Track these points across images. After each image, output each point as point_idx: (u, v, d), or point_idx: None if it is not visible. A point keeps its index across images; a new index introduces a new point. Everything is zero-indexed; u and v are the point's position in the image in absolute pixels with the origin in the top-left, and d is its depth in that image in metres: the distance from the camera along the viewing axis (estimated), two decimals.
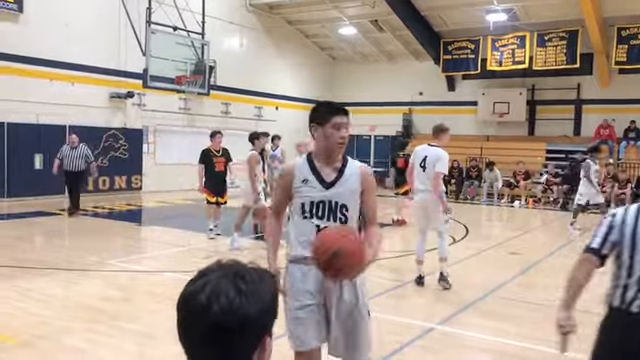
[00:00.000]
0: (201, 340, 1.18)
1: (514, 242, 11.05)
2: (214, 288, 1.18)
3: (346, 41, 24.02)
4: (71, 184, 12.60)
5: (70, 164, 12.42)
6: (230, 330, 1.16)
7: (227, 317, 1.16)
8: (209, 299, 1.17)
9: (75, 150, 12.50)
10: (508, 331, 5.56)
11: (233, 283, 1.19)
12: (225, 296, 1.17)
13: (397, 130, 24.10)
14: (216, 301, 1.16)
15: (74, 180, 12.58)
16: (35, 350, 4.72)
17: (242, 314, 1.17)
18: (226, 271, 1.22)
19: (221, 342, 1.17)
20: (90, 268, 7.72)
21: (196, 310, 1.17)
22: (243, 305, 1.17)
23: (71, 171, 12.45)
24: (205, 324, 1.16)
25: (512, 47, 20.44)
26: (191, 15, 17.62)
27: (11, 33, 14.33)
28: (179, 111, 18.93)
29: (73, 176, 12.56)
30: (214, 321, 1.16)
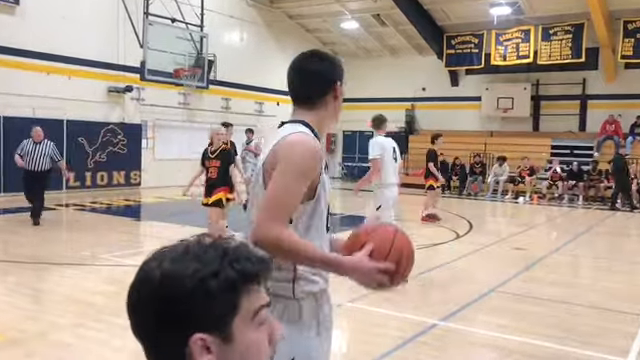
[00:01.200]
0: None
1: (518, 238, 10.85)
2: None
3: (348, 36, 23.79)
4: (31, 187, 10.30)
5: (32, 162, 10.18)
6: (146, 306, 0.96)
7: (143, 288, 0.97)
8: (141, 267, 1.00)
9: (39, 146, 10.29)
10: (512, 327, 5.44)
11: (160, 256, 0.99)
12: (146, 266, 0.99)
13: (400, 126, 23.87)
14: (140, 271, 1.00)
15: (36, 182, 10.26)
16: (22, 346, 4.55)
17: (152, 303, 0.95)
18: (179, 244, 1.00)
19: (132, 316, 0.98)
20: (84, 262, 7.54)
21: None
22: (151, 292, 0.96)
23: (32, 171, 10.19)
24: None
25: (516, 41, 20.20)
26: (190, 8, 17.42)
27: (7, 25, 14.13)
28: (178, 106, 18.73)
29: (34, 177, 10.22)
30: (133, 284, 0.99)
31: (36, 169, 10.22)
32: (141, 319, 0.96)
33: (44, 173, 10.38)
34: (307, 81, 2.21)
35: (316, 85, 2.19)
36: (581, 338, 5.10)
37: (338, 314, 5.65)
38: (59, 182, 15.39)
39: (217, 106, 20.04)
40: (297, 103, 2.24)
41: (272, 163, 2.03)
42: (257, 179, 2.12)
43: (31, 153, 10.21)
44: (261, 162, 2.12)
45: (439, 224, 12.05)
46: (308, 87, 2.20)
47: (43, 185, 10.49)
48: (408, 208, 13.49)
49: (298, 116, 2.19)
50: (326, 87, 2.19)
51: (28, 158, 10.16)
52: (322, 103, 2.19)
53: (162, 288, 0.93)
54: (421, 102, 23.81)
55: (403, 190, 16.52)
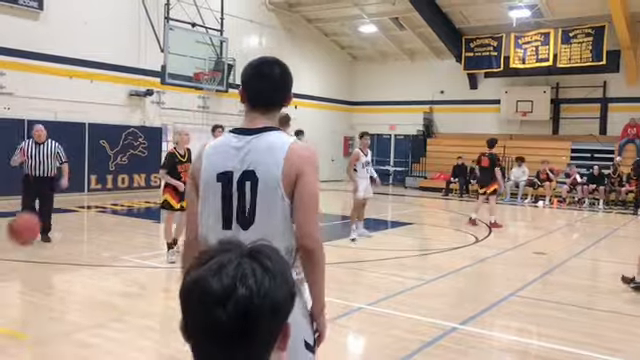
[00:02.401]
0: (221, 333, 0.96)
1: (538, 242, 10.75)
2: (237, 268, 0.98)
3: (366, 39, 23.81)
4: (35, 195, 8.74)
5: (35, 167, 8.66)
6: (260, 317, 0.97)
7: (257, 301, 0.96)
8: (233, 281, 0.96)
9: (42, 147, 8.75)
10: (532, 331, 5.42)
11: (257, 261, 1.00)
12: (253, 277, 0.97)
13: (418, 129, 23.82)
14: (243, 283, 0.96)
15: (41, 189, 8.72)
16: (45, 346, 4.62)
17: (272, 297, 0.97)
18: (240, 249, 1.02)
19: (246, 332, 0.96)
20: (105, 264, 7.64)
21: (215, 297, 0.95)
22: (272, 287, 0.98)
23: (37, 177, 8.65)
24: (229, 312, 0.95)
25: (536, 44, 20.05)
26: (210, 13, 17.58)
27: (31, 31, 14.39)
28: (198, 109, 18.88)
29: (39, 184, 8.66)
30: (242, 306, 0.95)
31: (41, 174, 8.67)
32: (261, 327, 0.99)
33: (51, 179, 8.85)
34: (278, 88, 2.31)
35: (284, 92, 2.32)
36: (603, 344, 5.06)
37: (358, 317, 5.68)
38: (81, 184, 15.64)
39: (236, 109, 20.13)
40: (260, 108, 2.28)
41: (290, 173, 2.13)
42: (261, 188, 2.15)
43: (34, 156, 8.66)
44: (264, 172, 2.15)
45: (457, 227, 12.01)
46: (279, 93, 2.31)
47: (51, 194, 8.94)
48: (427, 212, 13.42)
49: (266, 122, 2.26)
50: (288, 95, 2.32)
51: (30, 162, 8.64)
52: (278, 109, 2.33)
53: (280, 294, 1.00)
54: (439, 105, 23.73)
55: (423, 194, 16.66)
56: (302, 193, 2.14)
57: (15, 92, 14.07)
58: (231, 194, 2.18)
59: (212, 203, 2.21)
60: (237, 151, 2.19)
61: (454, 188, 19.94)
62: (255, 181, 2.15)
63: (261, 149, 2.17)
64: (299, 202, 2.14)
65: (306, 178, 2.14)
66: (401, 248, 9.78)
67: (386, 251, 9.20)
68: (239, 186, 2.17)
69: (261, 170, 2.15)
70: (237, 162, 2.18)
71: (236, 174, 2.18)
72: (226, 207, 2.19)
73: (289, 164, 2.13)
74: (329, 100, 24.51)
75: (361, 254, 8.97)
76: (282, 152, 2.15)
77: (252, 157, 2.17)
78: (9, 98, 14.03)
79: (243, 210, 2.18)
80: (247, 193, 2.16)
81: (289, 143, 2.19)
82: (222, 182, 2.20)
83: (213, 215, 2.22)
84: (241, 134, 2.24)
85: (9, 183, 11.42)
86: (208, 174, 2.21)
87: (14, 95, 14.07)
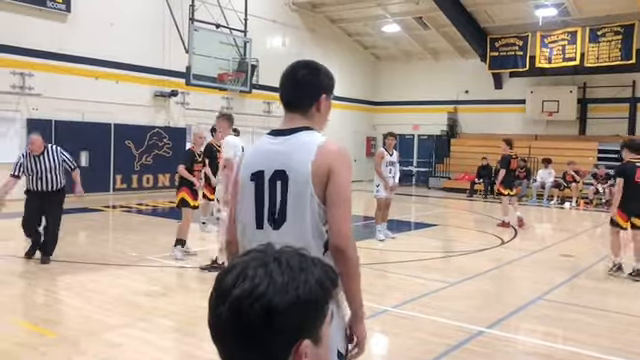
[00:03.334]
0: (223, 331, 0.99)
1: (565, 244, 10.59)
2: (242, 270, 0.99)
3: (389, 39, 23.71)
4: (40, 213, 7.54)
5: (38, 182, 7.44)
6: (251, 320, 0.95)
7: (246, 303, 0.95)
8: (234, 282, 0.98)
9: (42, 158, 7.42)
10: (559, 336, 5.35)
11: (264, 267, 0.99)
12: (250, 279, 0.97)
13: (441, 129, 23.66)
14: (240, 284, 0.97)
15: (46, 207, 7.51)
16: (73, 344, 4.68)
17: (266, 303, 0.95)
18: (265, 254, 1.03)
19: (245, 335, 0.96)
20: (131, 264, 7.72)
21: (218, 294, 1.00)
22: (269, 292, 0.95)
23: (41, 192, 7.45)
24: (225, 310, 0.97)
25: (562, 43, 19.77)
26: (234, 14, 17.68)
27: (59, 33, 14.63)
28: (222, 110, 18.98)
29: (44, 200, 7.48)
30: (233, 306, 0.96)
31: (45, 189, 7.46)
32: (253, 330, 0.97)
33: (57, 193, 7.59)
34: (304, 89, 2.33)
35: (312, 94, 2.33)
36: (631, 349, 4.96)
37: (382, 320, 5.65)
38: (107, 184, 15.85)
39: (259, 110, 20.25)
40: (294, 109, 2.31)
41: (320, 173, 2.13)
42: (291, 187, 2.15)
43: (33, 171, 7.42)
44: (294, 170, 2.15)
45: (482, 229, 11.89)
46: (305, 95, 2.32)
47: (59, 210, 7.67)
48: (451, 213, 13.31)
49: (300, 122, 2.28)
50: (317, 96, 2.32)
51: (32, 178, 7.46)
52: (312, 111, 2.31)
53: (277, 300, 0.96)
54: (464, 105, 23.54)
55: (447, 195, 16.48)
56: (332, 191, 2.13)
57: (43, 93, 14.31)
58: (263, 193, 2.20)
59: (247, 202, 2.24)
60: (270, 151, 2.23)
61: (478, 189, 19.74)
62: (285, 180, 2.16)
63: (292, 148, 2.19)
64: (329, 200, 2.13)
65: (337, 176, 2.13)
66: (425, 250, 9.72)
67: (410, 253, 9.14)
68: (270, 185, 2.19)
69: (291, 168, 2.16)
70: (269, 161, 2.20)
71: (267, 173, 2.20)
72: (259, 206, 2.21)
73: (319, 162, 2.13)
74: (352, 100, 24.45)
75: (385, 256, 8.93)
76: (312, 150, 2.16)
77: (283, 156, 2.18)
78: (37, 99, 14.28)
79: (274, 209, 2.18)
80: (278, 192, 2.17)
81: (320, 141, 2.19)
82: (255, 182, 2.22)
83: (247, 214, 2.24)
84: (276, 135, 2.27)
85: None
86: (244, 174, 2.26)
87: (42, 96, 14.31)
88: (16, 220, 11.81)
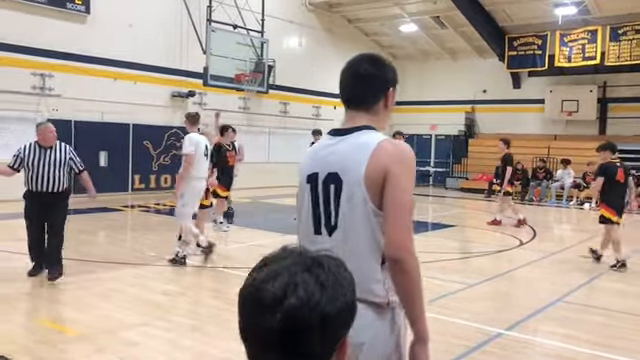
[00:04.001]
0: (270, 340, 0.96)
1: (585, 245, 10.44)
2: (290, 277, 0.97)
3: (407, 38, 23.63)
4: (43, 219, 6.52)
5: (39, 179, 6.42)
6: (309, 328, 0.95)
7: (306, 312, 0.95)
8: (284, 289, 0.96)
9: (50, 153, 6.50)
10: (579, 338, 5.27)
11: (309, 272, 0.98)
12: (304, 287, 0.96)
13: (459, 129, 23.51)
14: (293, 292, 0.95)
15: (48, 211, 6.49)
16: (92, 343, 4.72)
17: (320, 311, 0.96)
18: (299, 258, 1.02)
19: (294, 342, 0.96)
20: (149, 263, 7.77)
21: (266, 303, 0.96)
22: (322, 301, 0.96)
23: (41, 192, 6.43)
24: (277, 320, 0.95)
25: (582, 42, 19.54)
26: (251, 14, 17.74)
27: (78, 34, 14.79)
28: (239, 110, 19.06)
29: (45, 204, 6.45)
30: (290, 316, 0.95)
31: (48, 189, 6.41)
32: (308, 338, 0.97)
33: (61, 196, 6.56)
34: (363, 85, 2.18)
35: (375, 90, 2.17)
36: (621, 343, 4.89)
37: None
38: (125, 184, 15.99)
39: (276, 110, 20.30)
40: (355, 107, 2.15)
41: (375, 176, 1.92)
42: (344, 191, 1.98)
43: (37, 165, 6.40)
44: (346, 173, 1.97)
45: (500, 230, 11.79)
46: (366, 91, 2.17)
47: (62, 218, 6.59)
48: (469, 213, 13.22)
49: (360, 121, 2.11)
50: (379, 93, 2.16)
51: (32, 173, 6.40)
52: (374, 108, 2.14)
53: (330, 307, 0.98)
54: (481, 105, 23.38)
55: (464, 195, 16.38)
56: (389, 195, 1.90)
57: (63, 94, 14.48)
58: (318, 197, 2.04)
59: (305, 207, 2.10)
60: (326, 151, 2.07)
61: (496, 189, 19.55)
62: (339, 183, 1.98)
63: (347, 149, 2.00)
64: (386, 206, 1.91)
65: (395, 179, 1.90)
66: (443, 251, 9.66)
67: (427, 254, 9.08)
68: (324, 188, 2.03)
69: (344, 171, 1.97)
70: (324, 163, 2.05)
71: (321, 175, 2.04)
72: (315, 211, 2.05)
73: (374, 163, 1.92)
74: None
75: None
76: (368, 151, 1.94)
77: (337, 157, 2.01)
78: (57, 100, 14.45)
79: (329, 214, 2.02)
80: (331, 196, 2.01)
81: (378, 141, 1.97)
82: (311, 184, 2.08)
83: (306, 219, 2.10)
84: (334, 135, 2.11)
85: None
86: (301, 176, 2.13)
87: (62, 97, 14.47)
88: None
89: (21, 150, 6.55)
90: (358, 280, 1.08)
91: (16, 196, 13.71)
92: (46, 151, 6.49)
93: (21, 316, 5.35)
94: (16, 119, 13.93)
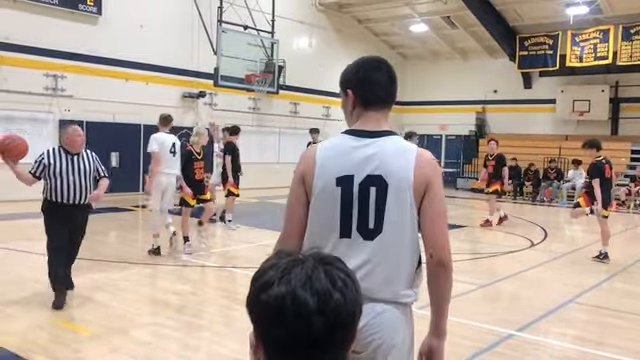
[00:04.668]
0: (315, 340, 0.98)
1: (597, 246, 10.37)
2: (326, 277, 1.01)
3: (417, 39, 23.57)
4: (67, 234, 5.79)
5: (66, 190, 5.66)
6: (352, 320, 1.02)
7: (349, 306, 1.00)
8: (325, 290, 0.99)
9: (77, 160, 5.79)
10: (591, 340, 5.26)
11: (333, 268, 1.03)
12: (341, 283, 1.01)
13: (470, 129, 23.42)
14: (335, 290, 1.00)
15: (73, 223, 5.81)
16: (105, 342, 4.76)
17: (358, 301, 1.03)
18: (310, 260, 1.04)
19: (342, 336, 1.01)
20: (160, 263, 7.81)
21: (311, 307, 0.97)
22: (355, 291, 1.02)
23: (69, 204, 5.70)
24: (326, 319, 0.98)
25: (594, 42, 19.39)
26: (261, 15, 17.78)
27: (90, 35, 14.88)
28: (249, 111, 19.11)
29: (70, 216, 5.75)
30: (337, 312, 0.99)
31: (74, 200, 5.71)
32: (348, 331, 1.03)
33: (85, 209, 5.94)
34: (396, 86, 2.20)
35: (396, 93, 2.21)
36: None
37: None
38: (136, 184, 16.08)
39: (286, 111, 20.32)
40: (385, 107, 2.17)
41: (420, 183, 2.00)
42: (391, 194, 2.00)
43: (63, 174, 5.67)
44: (395, 177, 2.00)
45: (511, 231, 11.75)
46: (394, 93, 2.19)
47: (84, 230, 6.06)
48: (480, 214, 13.17)
49: (385, 124, 2.14)
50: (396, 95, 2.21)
51: (56, 182, 5.64)
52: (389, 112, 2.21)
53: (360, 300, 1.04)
54: (492, 105, 23.28)
55: (475, 195, 16.36)
56: (433, 203, 2.01)
57: (75, 94, 14.59)
58: (351, 200, 2.00)
59: (328, 210, 2.03)
60: (358, 153, 2.03)
61: (507, 190, 19.48)
62: (383, 187, 1.99)
63: (388, 152, 2.02)
64: (430, 212, 2.00)
65: (436, 187, 2.03)
66: (453, 251, 9.60)
67: None
68: (361, 191, 2.00)
69: (391, 175, 1.99)
70: (359, 165, 2.01)
71: (357, 178, 2.01)
72: (345, 214, 2.01)
73: (420, 172, 2.00)
74: None
75: None
76: (412, 158, 2.02)
77: (379, 161, 2.00)
78: (69, 100, 14.56)
79: (365, 218, 2.00)
80: (371, 199, 2.00)
81: (416, 149, 2.07)
82: (342, 187, 2.01)
83: (329, 222, 2.04)
84: (360, 136, 2.07)
85: None
86: (326, 179, 2.03)
87: (74, 97, 14.58)
88: None
89: (44, 155, 5.76)
90: (398, 282, 1.11)
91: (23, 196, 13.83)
92: (73, 158, 5.76)
93: (35, 316, 5.39)
94: (28, 120, 14.06)
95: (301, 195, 2.10)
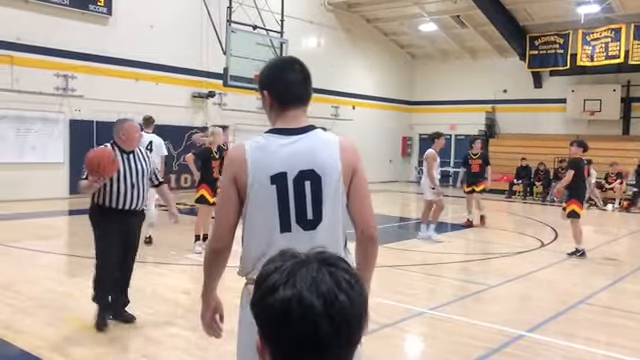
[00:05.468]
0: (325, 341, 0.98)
1: (608, 247, 10.34)
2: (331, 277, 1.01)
3: (426, 38, 23.51)
4: (121, 245, 5.06)
5: (123, 194, 4.94)
6: (361, 318, 1.02)
7: (355, 307, 1.00)
8: (331, 291, 0.99)
9: (133, 158, 5.08)
10: (601, 341, 5.23)
11: (337, 268, 1.03)
12: (346, 283, 1.01)
13: (479, 129, 23.32)
14: (340, 291, 0.99)
15: (129, 232, 5.12)
16: (115, 340, 4.79)
17: (366, 297, 1.03)
18: (312, 259, 1.04)
19: (351, 336, 1.01)
20: (170, 262, 7.85)
21: (319, 310, 0.98)
22: (361, 288, 1.03)
23: (125, 210, 4.98)
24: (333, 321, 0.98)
25: (605, 41, 19.26)
26: (270, 15, 17.79)
27: (100, 35, 14.98)
28: (258, 111, 19.10)
29: (126, 221, 5.04)
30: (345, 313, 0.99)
31: (131, 205, 5.00)
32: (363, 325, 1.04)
33: (141, 215, 5.31)
34: (310, 84, 2.34)
35: (311, 89, 2.35)
36: None
37: (419, 322, 5.61)
38: None
39: None
40: (303, 105, 2.29)
41: (347, 170, 2.18)
42: (325, 185, 2.16)
43: (121, 175, 4.94)
44: (326, 169, 2.16)
45: (521, 231, 11.69)
46: (310, 90, 2.33)
47: (137, 241, 5.31)
48: (490, 214, 13.11)
49: (306, 120, 2.27)
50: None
51: (112, 185, 4.90)
52: None
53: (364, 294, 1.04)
54: (502, 105, 23.17)
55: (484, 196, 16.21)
56: (359, 185, 2.21)
57: (85, 95, 14.68)
58: (287, 195, 2.12)
59: (266, 208, 2.14)
60: (288, 151, 2.14)
61: (517, 190, 19.40)
62: (317, 179, 2.13)
63: (315, 146, 2.16)
64: (358, 194, 2.20)
65: (360, 171, 2.22)
66: (463, 252, 9.62)
67: (448, 254, 9.05)
68: (296, 186, 2.12)
69: (321, 167, 2.13)
70: (290, 162, 2.13)
71: (290, 175, 2.13)
72: (283, 209, 2.13)
73: (346, 160, 2.17)
74: (387, 100, 24.35)
75: (422, 257, 8.86)
76: (336, 149, 2.18)
77: (307, 156, 2.14)
78: (80, 100, 14.65)
79: (303, 210, 2.13)
80: (307, 192, 2.13)
81: (338, 140, 2.23)
82: (277, 184, 2.12)
83: (267, 219, 2.15)
84: (286, 134, 2.19)
85: None
86: (259, 177, 2.13)
87: (84, 97, 14.67)
88: (62, 218, 12.16)
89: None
90: None
91: (33, 195, 13.90)
92: (128, 156, 5.05)
93: (47, 314, 5.43)
94: (39, 119, 14.17)
95: (232, 195, 2.20)
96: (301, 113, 2.24)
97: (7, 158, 13.54)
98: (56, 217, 11.94)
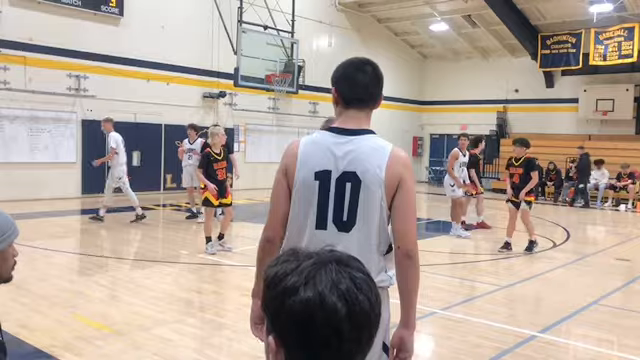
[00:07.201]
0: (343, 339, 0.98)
1: (621, 248, 10.24)
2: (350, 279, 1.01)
3: (437, 38, 23.44)
4: None
5: None
6: (377, 316, 1.03)
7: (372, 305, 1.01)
8: (350, 291, 0.99)
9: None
10: (614, 342, 5.21)
11: (351, 268, 1.03)
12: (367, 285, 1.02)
13: (491, 129, 23.21)
14: (359, 291, 0.99)
15: None
16: (128, 339, 4.81)
17: (376, 305, 1.02)
18: (332, 260, 1.03)
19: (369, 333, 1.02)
20: (181, 261, 7.88)
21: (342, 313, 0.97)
22: (375, 295, 1.03)
23: None
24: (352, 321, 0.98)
25: (618, 40, 19.08)
26: (281, 15, 17.82)
27: (112, 36, 15.06)
28: (268, 111, 19.17)
29: None
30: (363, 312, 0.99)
31: None
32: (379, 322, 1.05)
33: None
34: (379, 88, 2.29)
35: (379, 93, 2.30)
36: None
37: (431, 322, 5.59)
38: (157, 183, 16.24)
39: (305, 110, 20.33)
40: (365, 107, 2.26)
41: (392, 180, 2.13)
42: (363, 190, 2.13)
43: None
44: (367, 174, 2.13)
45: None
46: (375, 93, 2.27)
47: None
48: (501, 214, 13.05)
49: (365, 123, 2.25)
50: (381, 96, 2.30)
51: None
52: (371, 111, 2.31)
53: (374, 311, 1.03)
54: (514, 104, 23.04)
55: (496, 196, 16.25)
56: (404, 199, 2.14)
57: (97, 95, 14.77)
58: (328, 193, 2.14)
59: (307, 202, 2.17)
60: (336, 150, 2.15)
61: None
62: (357, 183, 2.12)
63: (364, 151, 2.14)
64: (401, 207, 2.14)
65: (408, 185, 2.15)
66: (475, 252, 9.57)
67: (460, 254, 9.02)
68: (337, 186, 2.14)
69: (363, 172, 2.12)
70: (336, 161, 2.14)
71: (335, 173, 2.14)
72: (322, 206, 2.16)
73: (392, 169, 2.13)
74: (399, 100, 24.28)
75: (434, 257, 8.83)
76: (385, 156, 2.14)
77: (354, 158, 2.13)
78: (92, 100, 14.74)
79: (340, 211, 2.14)
80: (346, 194, 2.13)
81: (391, 147, 2.18)
82: (320, 181, 2.15)
83: (308, 214, 2.18)
84: (340, 133, 2.19)
85: None
86: (305, 172, 2.17)
87: (96, 98, 14.76)
88: (74, 217, 12.23)
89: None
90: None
91: (46, 195, 14.01)
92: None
93: (59, 312, 5.47)
94: (52, 119, 14.28)
95: (284, 186, 2.24)
96: (362, 115, 2.24)
97: (20, 158, 13.66)
98: (68, 216, 12.02)
